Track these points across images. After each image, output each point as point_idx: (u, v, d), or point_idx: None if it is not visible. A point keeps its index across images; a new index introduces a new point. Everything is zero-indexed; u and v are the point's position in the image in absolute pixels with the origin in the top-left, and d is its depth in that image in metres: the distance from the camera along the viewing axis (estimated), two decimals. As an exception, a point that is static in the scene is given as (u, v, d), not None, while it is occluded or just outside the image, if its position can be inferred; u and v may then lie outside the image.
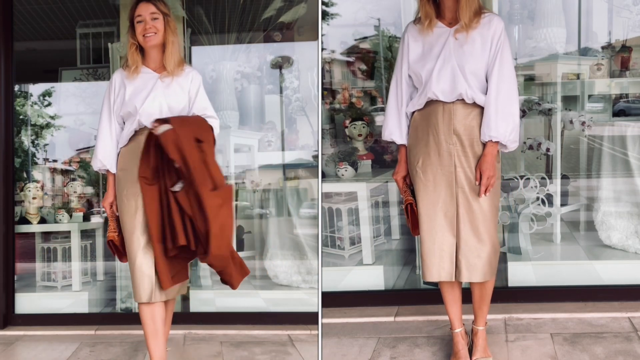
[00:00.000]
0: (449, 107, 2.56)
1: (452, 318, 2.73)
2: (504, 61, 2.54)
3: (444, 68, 2.54)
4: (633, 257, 3.55)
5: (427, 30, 2.58)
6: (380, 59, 4.08)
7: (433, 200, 2.58)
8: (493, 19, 2.57)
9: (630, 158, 3.64)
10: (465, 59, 2.53)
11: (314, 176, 3.93)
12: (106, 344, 3.38)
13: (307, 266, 3.80)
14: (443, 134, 2.56)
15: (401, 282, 3.75)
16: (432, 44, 2.59)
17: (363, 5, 4.00)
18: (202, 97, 2.76)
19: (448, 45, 2.56)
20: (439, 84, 2.54)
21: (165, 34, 2.67)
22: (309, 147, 4.00)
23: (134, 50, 2.69)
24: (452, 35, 2.56)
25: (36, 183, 4.14)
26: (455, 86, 2.53)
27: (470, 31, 2.52)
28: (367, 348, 3.01)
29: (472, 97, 2.54)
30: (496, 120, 2.50)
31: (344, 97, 4.01)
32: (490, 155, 2.53)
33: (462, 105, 2.56)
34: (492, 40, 2.53)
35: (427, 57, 2.59)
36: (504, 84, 2.53)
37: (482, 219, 2.56)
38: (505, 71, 2.54)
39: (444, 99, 2.55)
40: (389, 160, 3.97)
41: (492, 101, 2.51)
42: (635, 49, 3.76)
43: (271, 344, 3.30)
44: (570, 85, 3.82)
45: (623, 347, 2.83)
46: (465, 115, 2.56)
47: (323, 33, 3.92)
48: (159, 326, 2.63)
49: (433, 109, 2.59)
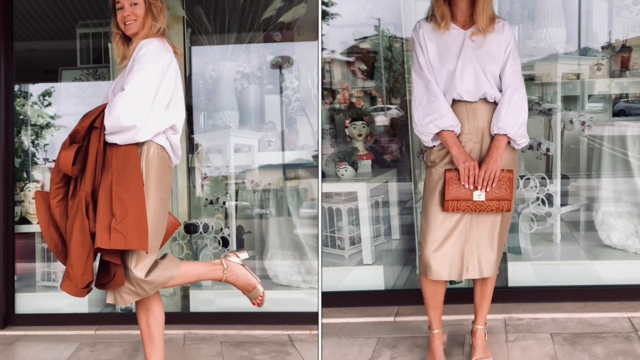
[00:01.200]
0: (472, 106, 2.59)
1: (432, 319, 2.75)
2: (517, 63, 2.64)
3: (466, 68, 2.57)
4: (633, 257, 3.55)
5: (443, 30, 2.61)
6: (380, 59, 4.08)
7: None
8: (505, 25, 2.67)
9: (630, 158, 3.64)
10: (484, 60, 2.58)
11: (314, 176, 3.93)
12: (106, 344, 3.38)
13: (307, 266, 3.80)
14: (468, 133, 2.59)
15: (401, 282, 3.75)
16: (448, 44, 2.62)
17: (363, 5, 4.00)
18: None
19: (466, 46, 2.60)
20: (463, 84, 2.57)
21: (144, 19, 2.46)
22: (309, 147, 4.00)
23: (118, 39, 2.51)
24: (468, 37, 2.61)
25: (36, 183, 4.14)
26: (479, 86, 2.57)
27: (487, 35, 2.59)
28: (367, 348, 3.01)
29: (494, 97, 2.59)
30: (506, 114, 2.55)
31: (344, 97, 4.00)
32: (496, 149, 2.54)
33: (485, 104, 2.60)
34: (506, 44, 2.61)
35: (445, 57, 2.61)
36: (519, 85, 2.61)
37: (499, 217, 2.60)
38: (519, 73, 2.63)
39: (468, 98, 2.59)
40: (389, 160, 3.97)
41: (506, 99, 2.57)
42: (635, 49, 3.76)
43: (271, 344, 3.30)
44: (570, 85, 3.82)
45: (623, 347, 2.84)
46: (489, 114, 2.59)
47: (323, 33, 3.92)
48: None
49: (456, 109, 2.60)
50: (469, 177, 2.51)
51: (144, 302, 2.55)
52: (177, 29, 3.86)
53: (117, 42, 2.51)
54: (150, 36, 2.46)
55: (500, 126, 2.54)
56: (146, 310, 2.58)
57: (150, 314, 2.58)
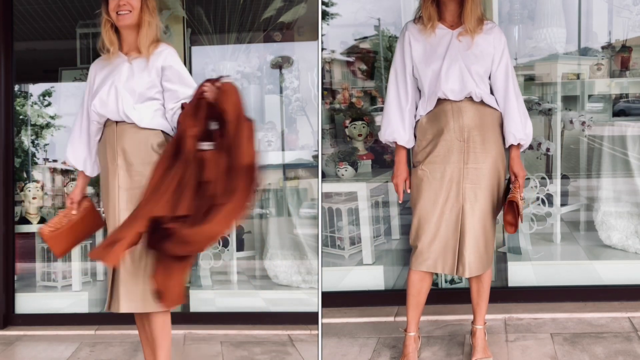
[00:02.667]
0: (457, 105, 2.61)
1: (411, 320, 2.74)
2: (511, 68, 2.68)
3: (451, 68, 2.60)
4: (633, 257, 3.55)
5: (429, 31, 2.64)
6: (380, 59, 4.08)
7: (438, 195, 2.60)
8: (495, 28, 2.69)
9: (630, 158, 3.64)
10: (470, 61, 2.60)
11: (314, 176, 3.93)
12: (106, 344, 3.38)
13: (307, 266, 3.79)
14: (453, 132, 2.60)
15: (401, 282, 3.75)
16: (434, 44, 2.64)
17: (363, 5, 4.00)
18: (176, 76, 2.46)
19: (453, 46, 2.62)
20: (448, 83, 2.59)
21: (141, 12, 2.38)
22: (309, 147, 4.00)
23: (109, 28, 2.40)
24: (455, 37, 2.63)
25: (36, 183, 4.14)
26: (464, 85, 2.59)
27: (474, 36, 2.61)
28: (367, 348, 3.01)
29: (480, 96, 2.61)
30: (524, 123, 2.64)
31: (344, 97, 4.00)
32: (518, 157, 2.67)
33: (470, 103, 2.61)
34: (495, 47, 2.64)
35: (431, 57, 2.64)
36: (517, 89, 2.67)
37: (487, 214, 2.62)
38: (514, 77, 2.68)
39: (453, 97, 2.60)
40: (389, 160, 3.96)
41: (513, 105, 2.62)
42: (635, 49, 3.76)
43: (271, 344, 3.30)
44: (570, 85, 3.82)
45: (623, 347, 2.83)
46: (474, 113, 2.61)
47: (323, 33, 3.92)
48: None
49: (442, 108, 2.63)
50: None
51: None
52: (177, 29, 3.86)
53: (107, 30, 2.42)
54: (159, 39, 2.46)
55: (521, 137, 2.63)
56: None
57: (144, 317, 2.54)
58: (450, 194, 2.59)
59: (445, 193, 2.59)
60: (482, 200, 2.60)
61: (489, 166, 2.61)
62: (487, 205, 2.61)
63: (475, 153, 2.60)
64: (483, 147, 2.61)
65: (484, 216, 2.61)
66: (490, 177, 2.61)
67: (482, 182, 2.60)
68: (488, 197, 2.61)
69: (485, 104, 2.63)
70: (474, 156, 2.60)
